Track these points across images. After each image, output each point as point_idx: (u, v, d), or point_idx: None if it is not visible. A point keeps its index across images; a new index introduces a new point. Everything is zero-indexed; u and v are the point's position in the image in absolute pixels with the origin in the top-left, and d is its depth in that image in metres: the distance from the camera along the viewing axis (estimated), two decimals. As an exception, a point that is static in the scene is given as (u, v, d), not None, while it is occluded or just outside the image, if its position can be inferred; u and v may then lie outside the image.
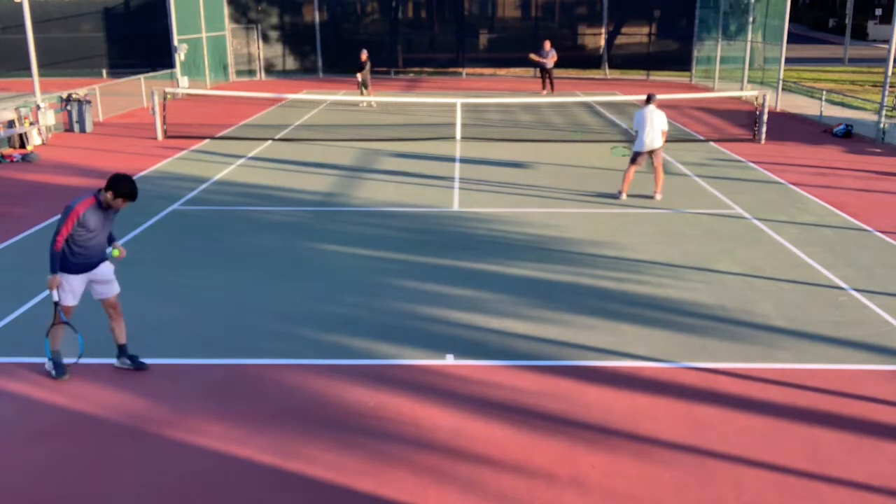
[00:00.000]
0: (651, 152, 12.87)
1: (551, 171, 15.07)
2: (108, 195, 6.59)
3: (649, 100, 13.11)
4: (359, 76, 23.89)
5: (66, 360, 6.80)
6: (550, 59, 26.71)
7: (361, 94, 24.20)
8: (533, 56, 27.04)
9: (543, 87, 27.17)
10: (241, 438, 5.88)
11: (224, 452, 5.71)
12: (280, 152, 16.92)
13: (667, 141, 18.14)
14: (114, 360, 7.02)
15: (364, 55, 23.71)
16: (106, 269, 6.81)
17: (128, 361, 6.93)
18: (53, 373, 6.74)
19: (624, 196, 13.06)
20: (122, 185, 6.58)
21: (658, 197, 12.98)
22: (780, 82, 24.05)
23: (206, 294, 8.72)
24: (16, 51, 27.31)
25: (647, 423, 6.11)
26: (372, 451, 5.74)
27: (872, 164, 16.16)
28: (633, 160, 13.02)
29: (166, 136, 18.45)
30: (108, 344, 7.40)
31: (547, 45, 26.92)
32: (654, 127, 12.76)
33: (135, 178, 14.35)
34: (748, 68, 26.40)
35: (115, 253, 6.87)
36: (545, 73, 27.01)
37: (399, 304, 8.44)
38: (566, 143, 18.42)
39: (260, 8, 33.69)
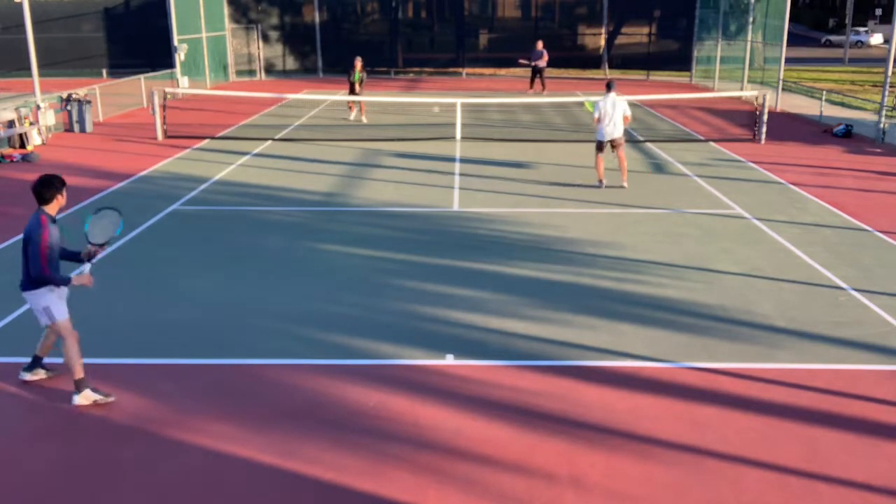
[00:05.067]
0: (612, 142, 13.27)
1: (552, 171, 15.07)
2: (61, 198, 6.34)
3: (609, 87, 13.37)
4: (357, 87, 20.85)
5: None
6: (542, 60, 26.78)
7: (351, 107, 21.61)
8: (522, 61, 27.18)
9: (531, 87, 27.19)
10: (241, 438, 5.88)
11: (224, 452, 5.71)
12: (280, 152, 16.92)
13: (668, 140, 18.30)
14: (109, 360, 7.02)
15: (359, 63, 20.85)
16: (27, 297, 6.50)
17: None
18: (103, 398, 6.44)
19: (604, 184, 13.53)
20: (56, 181, 6.36)
21: (625, 185, 13.44)
22: (780, 82, 24.05)
23: (206, 294, 8.72)
24: (16, 51, 27.33)
25: (647, 423, 6.11)
26: (372, 451, 5.74)
27: (872, 164, 16.15)
28: (598, 148, 13.49)
29: (166, 136, 18.45)
30: (108, 344, 7.42)
31: (539, 45, 27.02)
32: (615, 116, 13.12)
33: (135, 178, 14.40)
34: (748, 68, 26.40)
35: None
36: (536, 72, 27.09)
37: (399, 304, 8.44)
38: (567, 143, 18.41)
39: (260, 8, 33.69)
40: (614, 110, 13.11)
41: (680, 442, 5.87)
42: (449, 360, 7.13)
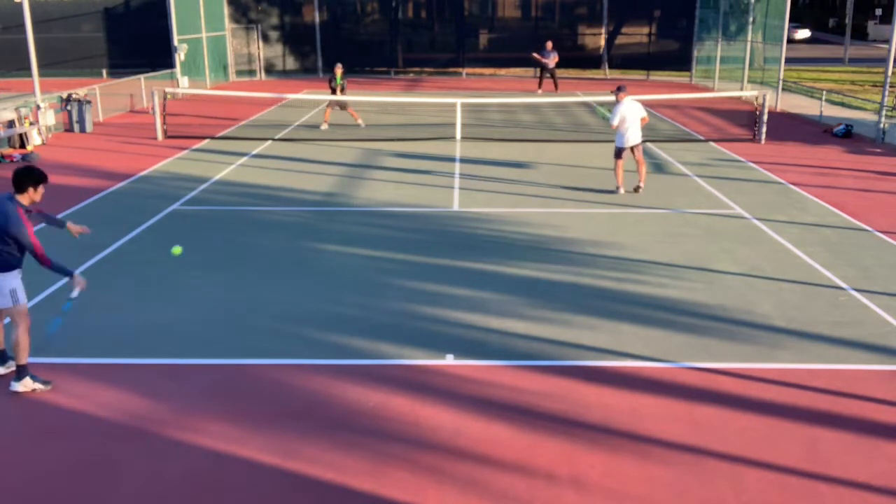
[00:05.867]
0: (632, 147, 13.10)
1: (552, 171, 15.07)
2: (33, 191, 6.40)
3: (621, 90, 13.06)
4: (339, 92, 19.68)
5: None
6: (552, 60, 26.82)
7: (328, 113, 20.15)
8: (535, 55, 27.13)
9: (539, 87, 27.22)
10: (241, 438, 5.88)
11: (224, 452, 5.72)
12: (280, 152, 16.91)
13: (668, 140, 18.30)
14: (109, 360, 7.04)
15: (339, 70, 19.67)
16: None
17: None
18: (42, 386, 6.59)
19: (622, 190, 13.24)
20: (35, 174, 6.42)
21: (642, 186, 13.22)
22: (780, 82, 24.05)
23: (206, 294, 8.72)
24: (16, 51, 27.31)
25: (647, 423, 6.11)
26: (372, 451, 5.74)
27: (872, 164, 16.16)
28: (618, 155, 13.22)
29: (166, 136, 18.45)
30: (108, 344, 7.42)
31: (549, 45, 27.05)
32: (634, 121, 12.92)
33: (135, 178, 14.41)
34: (748, 68, 26.40)
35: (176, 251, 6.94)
36: (545, 73, 27.14)
37: (399, 304, 8.44)
38: (567, 142, 18.42)
39: (260, 8, 33.68)
40: (632, 113, 12.88)
41: (680, 442, 5.87)
42: (449, 360, 7.13)
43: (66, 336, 7.51)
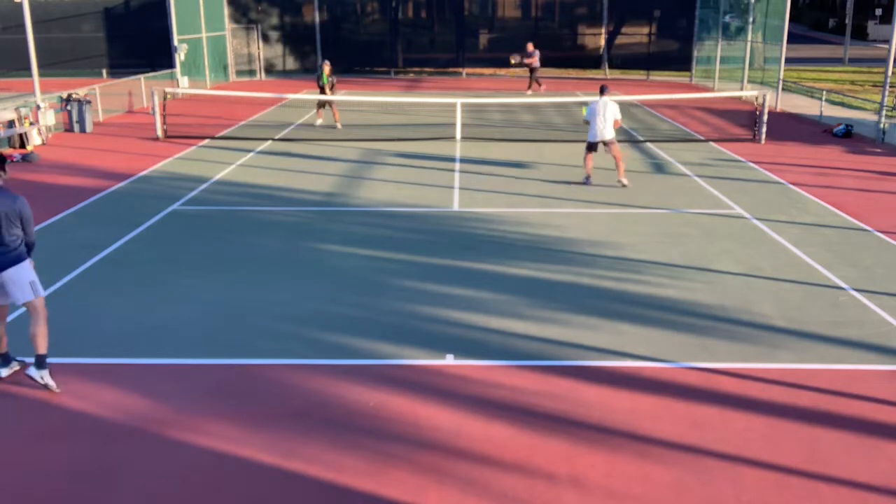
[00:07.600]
0: (604, 143, 13.69)
1: (552, 171, 15.07)
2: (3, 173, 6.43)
3: (602, 91, 13.81)
4: (328, 90, 20.03)
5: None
6: (531, 59, 27.02)
7: (320, 111, 20.43)
8: (513, 59, 27.36)
9: (529, 87, 27.30)
10: (241, 438, 5.88)
11: (224, 452, 5.72)
12: (280, 152, 16.92)
13: (668, 140, 18.31)
14: (109, 360, 7.05)
15: (328, 67, 20.14)
16: (10, 274, 6.46)
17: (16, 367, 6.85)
18: (53, 385, 6.59)
19: (591, 178, 13.86)
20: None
21: (624, 181, 13.70)
22: (780, 82, 24.05)
23: (205, 294, 8.72)
24: (16, 51, 27.29)
25: (647, 423, 6.11)
26: (372, 451, 5.74)
27: (872, 164, 16.16)
28: (589, 149, 13.87)
29: (166, 135, 18.45)
30: (108, 344, 7.43)
31: (530, 46, 27.24)
32: (606, 119, 13.55)
33: (135, 178, 14.40)
34: (748, 68, 26.40)
35: None
36: (531, 72, 27.32)
37: (399, 304, 8.44)
38: (567, 143, 18.41)
39: (260, 8, 33.68)
40: (605, 112, 13.51)
41: (680, 442, 5.87)
42: (449, 360, 7.13)
43: (67, 336, 7.51)
